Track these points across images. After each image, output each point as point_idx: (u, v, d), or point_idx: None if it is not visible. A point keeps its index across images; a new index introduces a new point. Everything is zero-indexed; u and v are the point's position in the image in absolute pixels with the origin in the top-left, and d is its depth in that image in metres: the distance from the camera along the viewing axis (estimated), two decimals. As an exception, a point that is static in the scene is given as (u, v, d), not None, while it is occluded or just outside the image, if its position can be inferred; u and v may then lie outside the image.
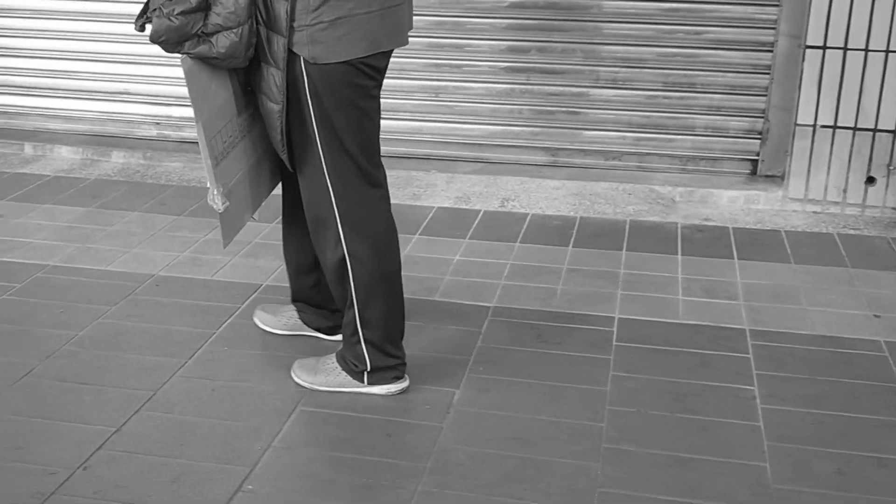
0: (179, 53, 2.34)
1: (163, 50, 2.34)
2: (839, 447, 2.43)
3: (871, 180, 3.98)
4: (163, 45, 2.32)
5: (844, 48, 3.85)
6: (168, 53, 2.38)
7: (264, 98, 2.44)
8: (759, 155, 4.28)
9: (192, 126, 4.28)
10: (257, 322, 3.01)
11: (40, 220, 3.89)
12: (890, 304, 3.19)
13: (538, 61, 4.36)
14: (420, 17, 4.40)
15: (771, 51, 4.14)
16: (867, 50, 3.83)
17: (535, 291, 3.28)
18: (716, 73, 4.23)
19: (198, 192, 4.15)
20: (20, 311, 3.11)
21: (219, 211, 2.49)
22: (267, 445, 2.42)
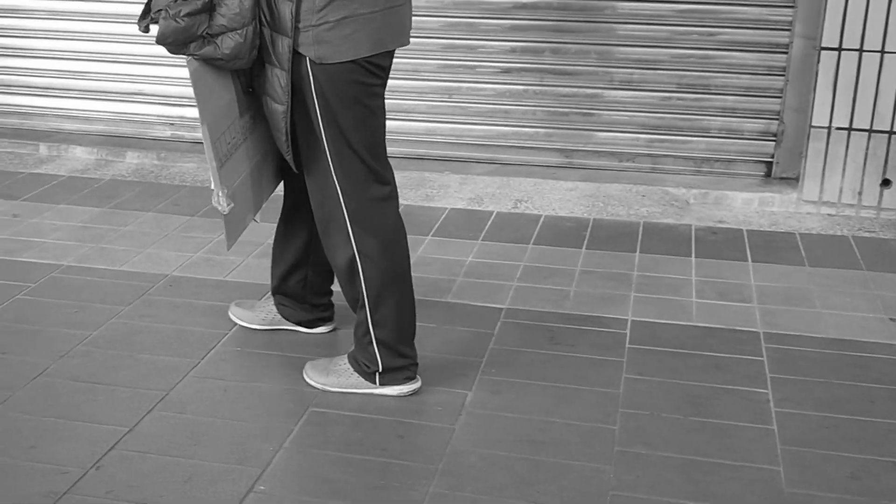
0: (185, 55, 2.34)
1: (168, 52, 2.35)
2: (853, 451, 2.42)
3: (886, 183, 3.95)
4: (169, 47, 2.33)
5: (860, 50, 3.83)
6: (177, 55, 2.38)
7: (268, 99, 2.44)
8: (773, 157, 4.26)
9: (205, 127, 4.29)
10: (234, 318, 3.02)
11: (55, 220, 3.91)
12: (905, 307, 3.18)
13: (552, 62, 4.36)
14: (433, 19, 4.41)
15: (786, 52, 4.13)
16: (883, 52, 3.81)
17: (548, 293, 3.28)
18: (730, 74, 4.22)
19: (211, 193, 4.16)
20: (34, 311, 3.13)
21: (223, 213, 2.51)
22: (279, 446, 2.42)
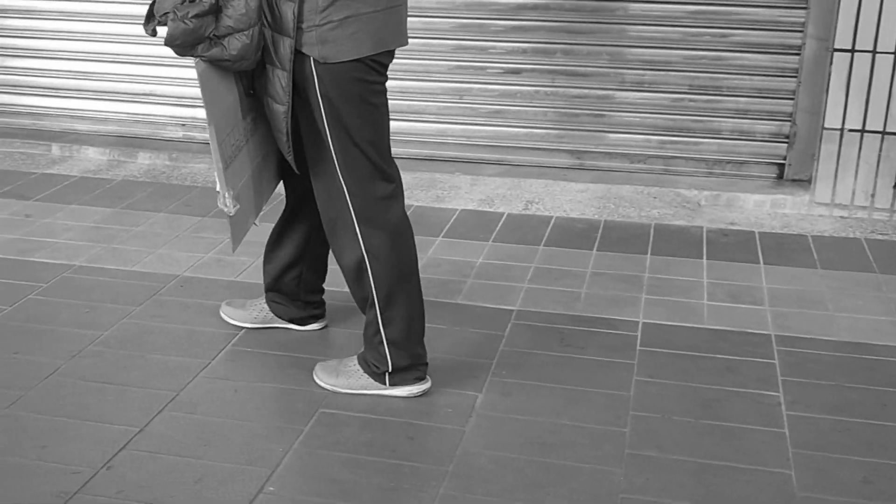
0: (193, 57, 2.35)
1: (176, 54, 2.36)
2: (866, 455, 2.40)
3: (899, 185, 3.94)
4: (177, 49, 2.33)
5: (873, 52, 3.81)
6: (185, 57, 2.39)
7: (270, 100, 2.45)
8: (785, 159, 4.25)
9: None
10: (225, 318, 3.03)
11: (67, 221, 3.92)
12: (918, 310, 3.16)
13: (563, 63, 4.35)
14: (444, 20, 4.41)
15: (798, 54, 4.11)
16: (897, 53, 3.80)
17: (559, 295, 3.27)
18: (742, 76, 4.21)
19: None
20: (46, 311, 3.14)
21: (230, 214, 2.51)
22: (288, 447, 2.42)
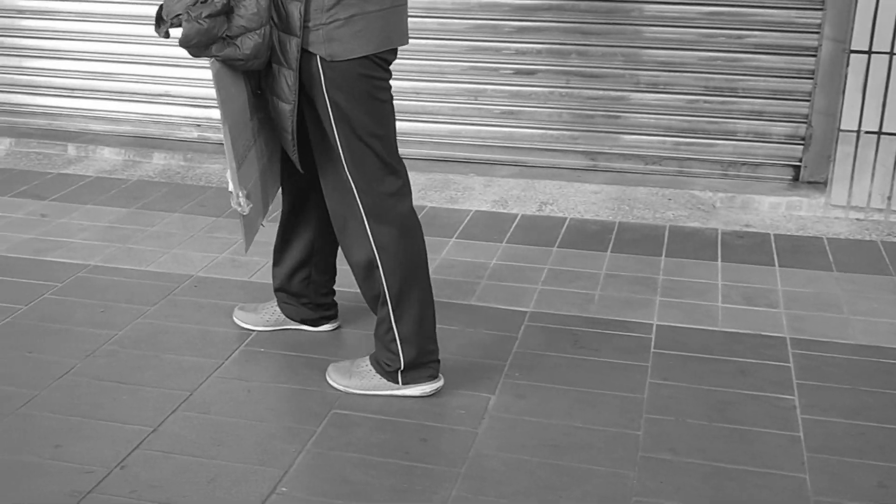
0: (207, 57, 2.36)
1: (190, 55, 2.37)
2: (881, 459, 2.39)
3: (916, 187, 3.91)
4: (192, 49, 2.34)
5: (891, 53, 3.79)
6: (200, 57, 2.40)
7: (276, 99, 2.46)
8: (801, 161, 4.23)
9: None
10: (238, 322, 3.03)
11: (82, 221, 3.94)
12: (935, 313, 3.14)
13: (578, 65, 4.34)
14: (459, 21, 4.41)
15: (814, 55, 4.09)
16: (914, 55, 3.78)
17: (573, 297, 3.26)
18: (758, 77, 4.19)
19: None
20: (61, 310, 3.15)
21: (243, 213, 2.52)
22: (301, 448, 2.43)
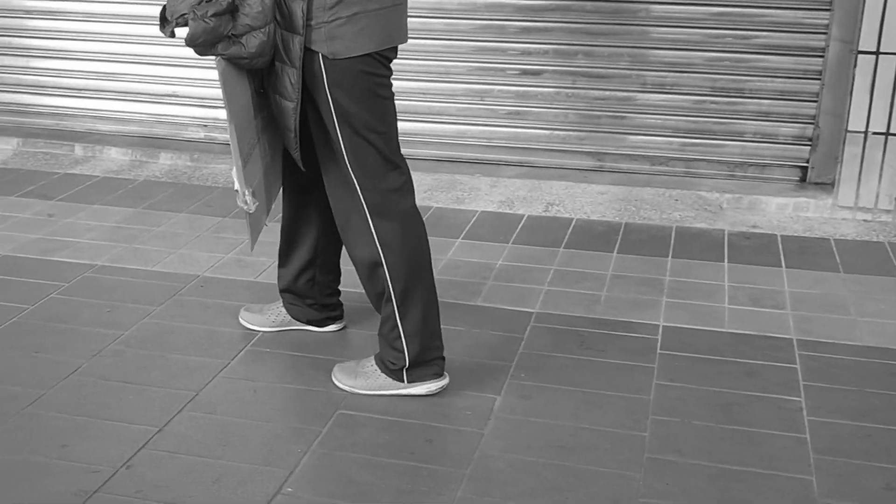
0: (213, 56, 2.37)
1: (197, 53, 2.37)
2: (888, 461, 2.38)
3: (924, 188, 3.90)
4: (198, 48, 2.35)
5: (899, 53, 3.79)
6: (206, 56, 2.40)
7: (279, 97, 2.46)
8: (808, 162, 4.21)
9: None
10: (244, 323, 3.03)
11: (89, 221, 3.94)
12: (943, 315, 3.13)
13: (584, 65, 4.33)
14: (465, 21, 4.41)
15: (822, 56, 4.08)
16: (922, 55, 3.77)
17: (579, 297, 3.26)
18: (765, 78, 4.18)
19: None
20: (68, 310, 3.16)
21: (249, 212, 2.53)
22: (307, 448, 2.43)
